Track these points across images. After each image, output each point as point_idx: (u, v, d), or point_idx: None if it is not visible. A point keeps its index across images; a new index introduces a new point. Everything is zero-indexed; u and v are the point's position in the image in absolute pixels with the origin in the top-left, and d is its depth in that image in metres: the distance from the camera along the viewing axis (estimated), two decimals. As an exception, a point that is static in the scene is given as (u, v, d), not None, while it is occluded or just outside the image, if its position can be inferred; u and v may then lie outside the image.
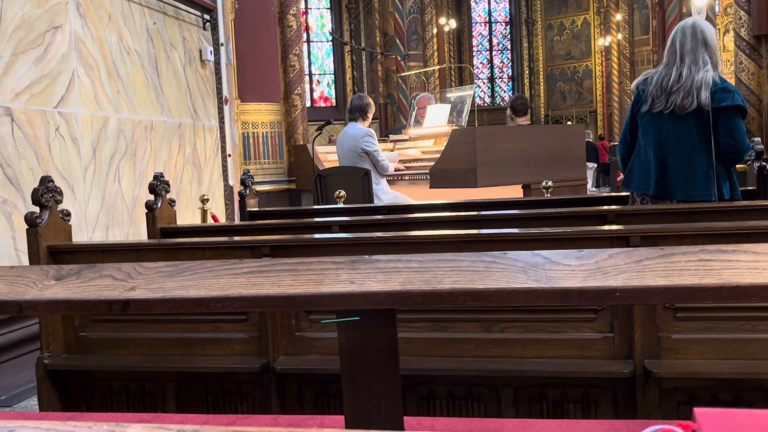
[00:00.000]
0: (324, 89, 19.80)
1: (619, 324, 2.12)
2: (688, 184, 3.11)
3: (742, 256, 1.18)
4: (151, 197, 3.20)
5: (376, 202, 5.42)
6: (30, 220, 2.49)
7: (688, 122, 3.09)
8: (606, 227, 2.47)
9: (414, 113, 8.17)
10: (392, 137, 8.79)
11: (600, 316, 2.14)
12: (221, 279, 1.34)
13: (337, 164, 6.31)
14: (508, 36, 23.72)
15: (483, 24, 23.59)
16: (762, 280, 1.09)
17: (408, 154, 7.49)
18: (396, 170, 6.62)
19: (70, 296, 1.33)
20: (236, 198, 6.03)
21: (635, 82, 3.35)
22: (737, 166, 3.22)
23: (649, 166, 3.21)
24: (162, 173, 3.24)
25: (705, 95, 3.03)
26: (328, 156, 8.15)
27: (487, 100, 23.51)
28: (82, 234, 4.24)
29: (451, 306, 1.32)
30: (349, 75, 19.59)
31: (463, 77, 22.09)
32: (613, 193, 3.75)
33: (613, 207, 3.05)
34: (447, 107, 7.66)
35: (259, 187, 5.05)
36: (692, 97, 3.05)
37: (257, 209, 3.98)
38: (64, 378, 2.52)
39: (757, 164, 3.41)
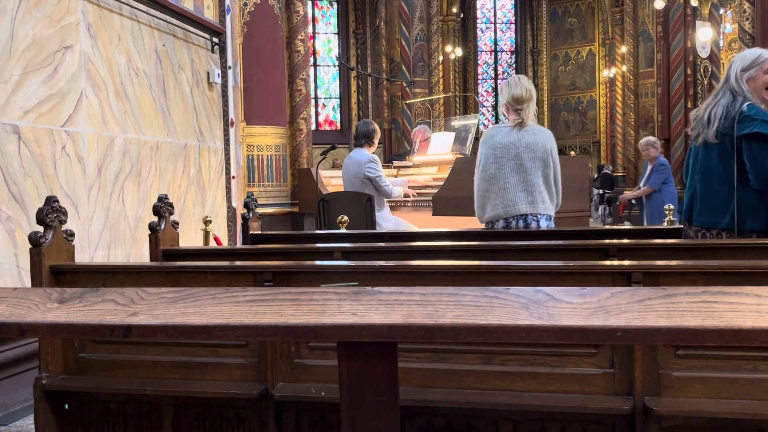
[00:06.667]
0: (329, 113, 19.92)
1: (619, 360, 2.11)
2: (711, 212, 3.19)
3: (745, 298, 1.19)
4: (155, 218, 3.21)
5: (377, 229, 5.42)
6: (34, 239, 2.49)
7: (714, 152, 3.17)
8: (608, 262, 2.47)
9: (418, 142, 8.21)
10: (396, 163, 8.81)
11: (601, 351, 2.13)
12: (224, 307, 1.34)
13: (341, 188, 6.33)
14: (514, 65, 23.90)
15: (489, 53, 23.78)
16: (764, 323, 1.09)
17: (418, 181, 7.52)
18: (406, 196, 6.62)
19: (72, 320, 1.33)
20: (239, 220, 6.04)
21: (692, 113, 3.43)
22: None
23: (688, 195, 3.34)
24: (166, 195, 3.25)
25: (717, 125, 3.11)
26: (332, 180, 8.17)
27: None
28: (84, 253, 4.24)
29: (453, 341, 1.32)
30: (354, 99, 19.74)
31: (468, 105, 22.22)
32: (615, 226, 3.73)
33: (615, 241, 3.05)
34: (451, 135, 7.70)
35: (262, 210, 5.06)
36: (709, 127, 3.15)
37: (260, 233, 3.98)
38: (61, 399, 2.51)
39: None
